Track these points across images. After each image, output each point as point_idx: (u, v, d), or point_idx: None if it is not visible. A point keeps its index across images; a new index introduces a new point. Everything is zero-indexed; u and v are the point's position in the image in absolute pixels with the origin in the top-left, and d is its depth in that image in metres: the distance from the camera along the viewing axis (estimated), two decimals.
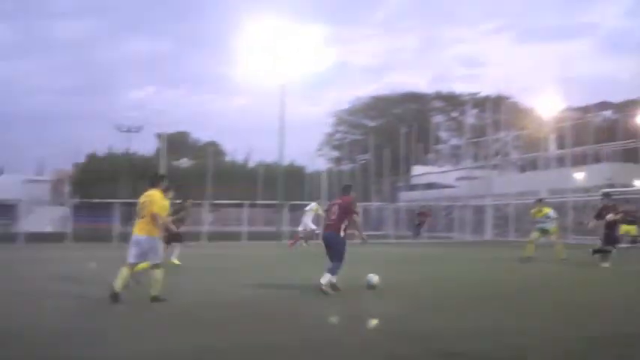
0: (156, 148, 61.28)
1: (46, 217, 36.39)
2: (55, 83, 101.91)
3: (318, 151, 72.65)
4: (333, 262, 9.79)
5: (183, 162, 69.42)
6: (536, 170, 41.04)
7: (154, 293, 8.63)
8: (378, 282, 10.21)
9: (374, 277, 10.27)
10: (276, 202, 35.10)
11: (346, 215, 9.98)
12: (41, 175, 62.70)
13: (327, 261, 9.98)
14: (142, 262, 8.88)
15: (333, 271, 9.75)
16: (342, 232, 9.96)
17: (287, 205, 34.51)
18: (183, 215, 15.22)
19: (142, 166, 54.55)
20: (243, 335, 6.78)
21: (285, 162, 46.14)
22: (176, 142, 62.14)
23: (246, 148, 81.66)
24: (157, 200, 8.87)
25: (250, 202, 34.42)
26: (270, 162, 53.65)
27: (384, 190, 52.19)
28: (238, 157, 73.14)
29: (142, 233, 8.77)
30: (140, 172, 48.79)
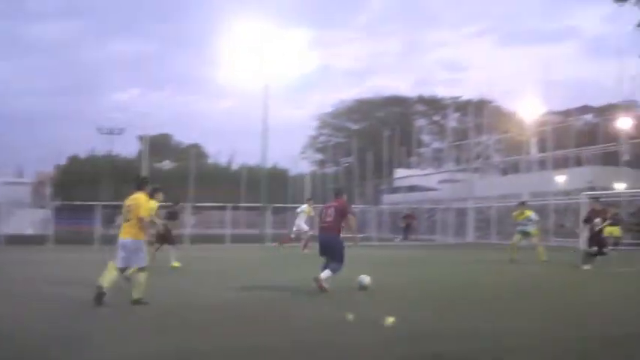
0: (138, 150, 61.00)
1: (26, 220, 36.10)
2: (36, 85, 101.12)
3: (302, 153, 72.85)
4: (334, 262, 9.90)
5: (166, 164, 69.09)
6: (517, 173, 41.38)
7: (136, 296, 8.55)
8: (369, 283, 10.26)
9: (365, 279, 10.31)
10: (260, 205, 35.02)
11: (342, 217, 10.12)
12: (22, 177, 62.18)
13: (322, 262, 10.10)
14: (129, 266, 8.69)
15: (335, 271, 9.87)
16: (340, 233, 10.12)
17: (270, 207, 34.49)
18: (177, 219, 15.27)
19: (124, 168, 54.27)
20: (228, 338, 6.74)
21: (269, 165, 46.02)
22: (158, 145, 61.84)
23: (230, 150, 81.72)
24: (143, 203, 8.80)
25: (233, 204, 34.35)
26: (254, 164, 53.57)
27: (367, 192, 52.38)
28: (221, 160, 73.14)
29: (127, 237, 8.70)
30: (122, 174, 48.49)
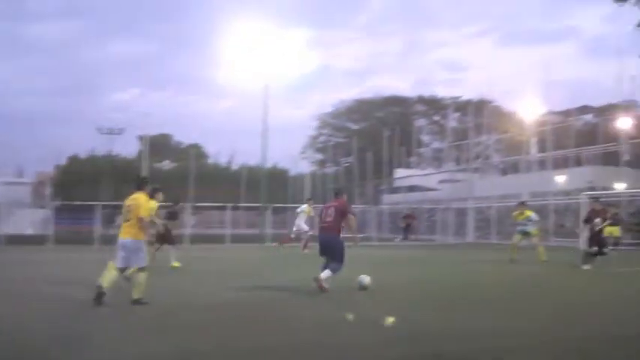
0: (138, 150, 61.00)
1: (26, 220, 36.10)
2: (36, 85, 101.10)
3: (302, 153, 72.88)
4: (334, 262, 9.93)
5: (166, 164, 69.08)
6: (517, 173, 41.38)
7: (136, 296, 8.53)
8: (369, 283, 10.26)
9: (365, 279, 10.31)
10: (260, 205, 35.02)
11: (342, 217, 10.14)
12: (22, 177, 62.18)
13: (322, 262, 10.12)
14: (129, 266, 8.69)
15: (335, 271, 9.88)
16: (340, 233, 10.14)
17: (270, 207, 34.48)
18: (177, 219, 15.30)
19: (124, 168, 54.30)
20: (228, 338, 6.72)
21: (269, 164, 46.05)
22: (158, 145, 61.84)
23: (230, 150, 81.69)
24: (143, 203, 8.78)
25: (233, 204, 34.34)
26: (254, 164, 53.58)
27: (367, 192, 52.38)
28: (221, 160, 73.12)
29: (127, 237, 8.69)
30: (122, 174, 48.52)
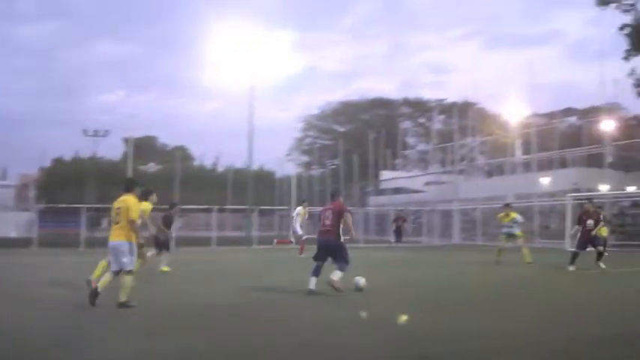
0: (123, 152, 60.65)
1: (10, 223, 35.71)
2: (20, 86, 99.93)
3: (288, 155, 72.85)
4: (341, 262, 10.08)
5: (151, 166, 68.75)
6: (502, 175, 41.59)
7: (123, 299, 8.42)
8: (364, 284, 10.29)
9: (361, 280, 10.33)
10: (246, 207, 34.96)
11: (340, 219, 10.26)
12: (5, 179, 61.62)
13: (312, 268, 10.15)
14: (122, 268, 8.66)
15: (343, 270, 10.03)
16: (340, 235, 10.26)
17: (257, 210, 34.44)
18: (172, 223, 15.26)
19: (109, 170, 53.98)
20: (227, 338, 6.70)
21: (255, 166, 46.04)
22: (144, 147, 61.57)
23: (216, 152, 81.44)
24: (132, 205, 8.70)
25: (219, 207, 34.25)
26: (240, 166, 53.50)
27: (353, 194, 52.42)
28: (207, 162, 72.91)
29: (117, 239, 8.63)
30: (107, 176, 48.26)
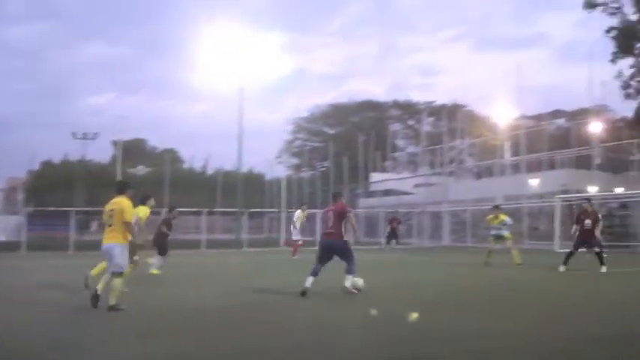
0: (112, 155, 60.39)
1: None
2: (9, 88, 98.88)
3: (278, 158, 72.79)
4: (347, 263, 10.23)
5: (140, 169, 68.46)
6: (491, 177, 41.74)
7: (112, 302, 8.39)
8: (362, 285, 10.32)
9: (359, 281, 10.37)
10: (236, 210, 34.90)
11: (342, 220, 10.41)
12: None
13: (311, 269, 10.21)
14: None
15: (351, 271, 10.18)
16: (344, 236, 10.42)
17: (246, 212, 34.38)
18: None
19: (98, 173, 53.69)
20: (221, 341, 6.69)
21: (244, 169, 45.97)
22: (133, 149, 61.36)
23: (205, 154, 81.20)
24: (127, 207, 8.68)
25: (208, 209, 34.16)
26: (229, 169, 53.38)
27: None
28: (196, 164, 72.68)
29: (109, 242, 8.62)
30: (96, 179, 48.04)
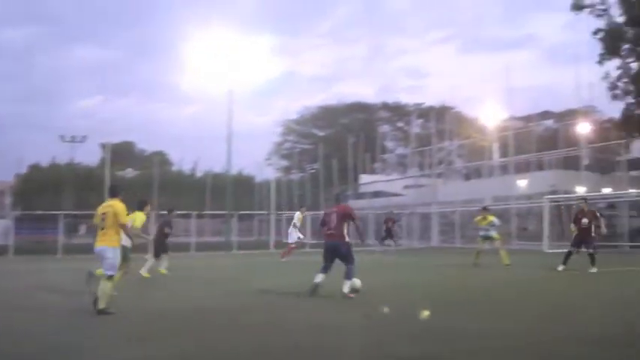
0: (100, 158, 60.08)
1: None
2: None
3: (267, 160, 72.78)
4: (347, 265, 10.23)
5: (128, 172, 68.15)
6: (480, 178, 41.88)
7: (101, 306, 8.34)
8: (360, 286, 10.35)
9: (356, 282, 10.39)
10: (225, 212, 34.83)
11: (344, 221, 10.42)
12: None
13: (321, 267, 10.38)
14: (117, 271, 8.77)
15: (350, 275, 10.16)
16: (346, 238, 10.42)
17: (236, 215, 34.32)
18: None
19: (86, 176, 53.42)
20: (221, 342, 6.71)
21: (234, 171, 45.94)
22: (121, 152, 61.03)
23: (195, 157, 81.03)
24: (120, 210, 8.67)
25: (198, 212, 34.08)
26: (219, 171, 53.29)
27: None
28: (186, 167, 72.50)
29: (102, 244, 8.60)
30: (84, 182, 47.79)
